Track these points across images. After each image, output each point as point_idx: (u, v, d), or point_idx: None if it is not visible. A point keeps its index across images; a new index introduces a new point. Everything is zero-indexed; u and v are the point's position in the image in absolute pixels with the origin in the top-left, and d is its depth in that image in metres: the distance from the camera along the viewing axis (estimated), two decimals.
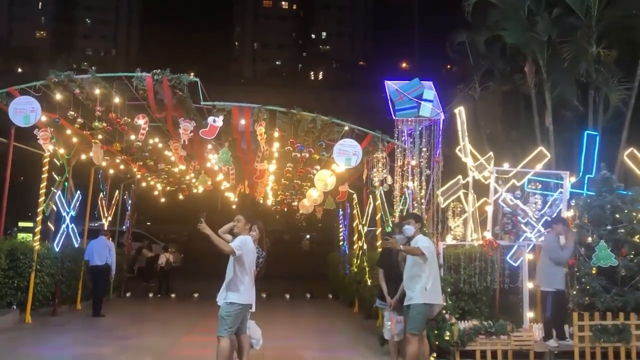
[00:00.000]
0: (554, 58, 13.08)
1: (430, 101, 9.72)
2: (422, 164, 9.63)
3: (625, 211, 9.49)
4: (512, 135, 15.16)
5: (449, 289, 9.21)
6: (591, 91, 13.32)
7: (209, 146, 12.00)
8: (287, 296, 17.90)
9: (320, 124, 9.99)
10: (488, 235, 9.78)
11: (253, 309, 6.97)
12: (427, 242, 7.27)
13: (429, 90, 9.80)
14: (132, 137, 11.14)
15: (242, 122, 9.89)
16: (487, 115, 15.28)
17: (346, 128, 10.10)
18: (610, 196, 9.64)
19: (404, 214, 9.70)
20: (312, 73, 79.88)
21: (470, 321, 9.16)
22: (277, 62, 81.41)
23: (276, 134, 10.60)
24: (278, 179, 15.25)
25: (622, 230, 9.30)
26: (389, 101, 9.82)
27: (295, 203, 18.68)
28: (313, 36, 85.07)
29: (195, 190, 17.68)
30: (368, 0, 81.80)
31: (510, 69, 15.47)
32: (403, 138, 9.84)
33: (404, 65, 62.77)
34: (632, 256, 9.15)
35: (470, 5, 14.43)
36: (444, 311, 8.58)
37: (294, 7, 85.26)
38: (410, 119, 9.66)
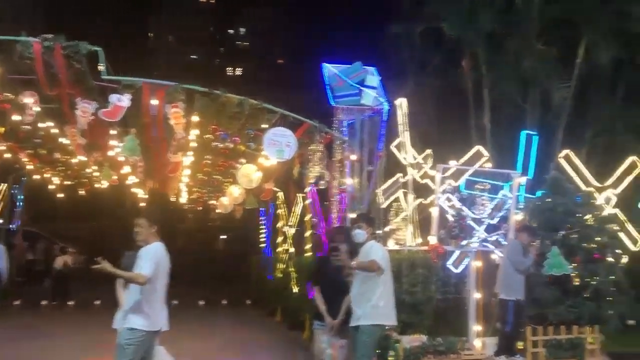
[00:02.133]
0: (495, 53, 12.47)
1: (373, 88, 8.64)
2: (363, 158, 8.50)
3: (578, 215, 8.87)
4: (447, 133, 14.45)
5: None
6: (532, 89, 12.83)
7: (113, 132, 10.22)
8: (201, 303, 16.46)
9: (249, 108, 8.59)
10: (433, 240, 8.79)
11: (166, 328, 5.42)
12: (382, 251, 6.10)
13: (372, 76, 8.72)
14: (19, 118, 9.22)
15: (154, 102, 8.29)
16: (422, 112, 14.44)
17: (278, 115, 8.74)
18: (563, 199, 8.99)
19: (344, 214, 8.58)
20: (230, 69, 77.90)
21: (412, 336, 8.18)
22: (193, 57, 78.71)
23: (195, 119, 9.03)
24: (194, 173, 13.63)
25: (576, 236, 8.67)
26: (327, 86, 8.62)
27: (214, 201, 17.11)
28: (231, 32, 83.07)
29: (98, 186, 15.70)
30: None
31: (447, 64, 14.78)
32: (342, 129, 8.65)
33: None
34: (585, 263, 8.53)
35: None
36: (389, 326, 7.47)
37: (212, 0, 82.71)
38: (351, 106, 8.48)
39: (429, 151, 11.24)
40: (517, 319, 7.92)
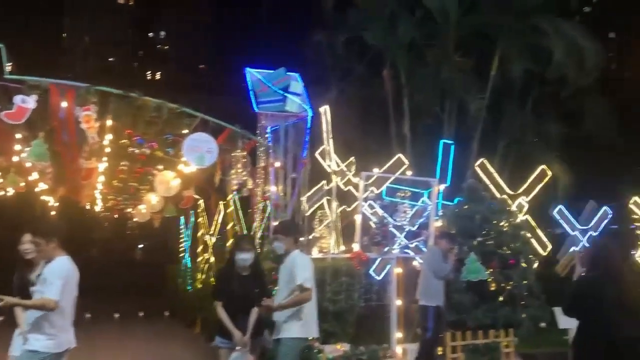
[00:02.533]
0: (416, 63, 12.74)
1: (297, 95, 8.54)
2: (287, 165, 8.36)
3: (494, 222, 9.16)
4: (368, 141, 14.61)
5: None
6: (448, 100, 13.21)
7: (19, 136, 9.50)
8: (116, 315, 15.71)
9: (167, 112, 8.23)
10: (356, 247, 8.78)
11: (73, 345, 4.98)
12: (305, 264, 5.65)
13: (296, 83, 8.62)
14: None
15: (64, 104, 7.77)
16: (344, 120, 14.51)
17: (199, 119, 8.44)
18: (479, 206, 9.26)
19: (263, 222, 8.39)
20: (149, 73, 75.55)
21: (335, 344, 8.10)
22: (110, 59, 75.72)
23: (109, 123, 8.55)
24: (109, 180, 12.96)
25: (492, 242, 8.93)
26: (251, 92, 8.43)
27: (130, 209, 16.38)
28: (151, 34, 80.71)
29: (3, 193, 14.59)
30: (214, 2, 79.31)
31: (369, 73, 14.94)
32: (266, 135, 8.49)
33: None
34: (500, 269, 8.80)
35: (330, 2, 13.64)
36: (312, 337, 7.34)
37: (131, 2, 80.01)
38: (275, 113, 8.33)
39: (352, 159, 11.29)
40: (437, 324, 7.99)
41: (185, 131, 8.57)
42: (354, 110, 15.03)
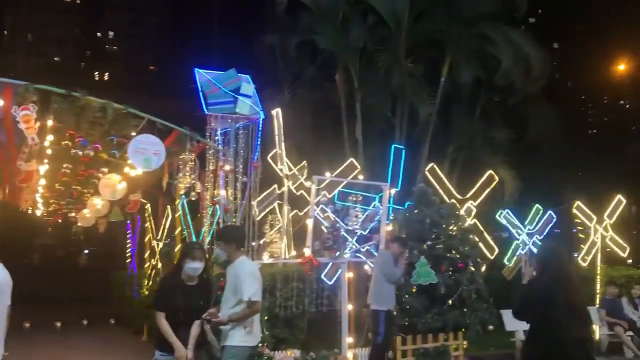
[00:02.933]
0: (368, 67, 12.78)
1: (248, 97, 8.39)
2: (238, 169, 8.18)
3: (444, 226, 9.26)
4: (321, 145, 14.55)
5: (265, 317, 7.87)
6: (399, 104, 13.31)
7: None
8: (58, 324, 15.08)
9: (112, 113, 7.91)
10: (308, 252, 8.69)
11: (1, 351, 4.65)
12: (250, 274, 5.43)
13: (248, 84, 8.47)
14: None
15: (0, 103, 7.37)
16: (296, 124, 14.41)
17: (145, 121, 8.16)
18: (429, 210, 9.34)
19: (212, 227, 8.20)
20: (97, 73, 73.43)
21: (286, 351, 8.00)
22: (55, 59, 73.23)
23: (50, 123, 8.16)
24: (51, 183, 12.42)
25: (441, 246, 9.02)
26: (200, 93, 8.23)
27: (74, 214, 15.79)
28: (99, 34, 78.54)
29: None
30: (164, 2, 77.86)
31: (321, 77, 14.89)
32: (216, 138, 8.29)
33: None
34: (450, 273, 8.90)
35: (282, 4, 13.54)
36: (259, 344, 7.19)
37: (78, 0, 77.67)
38: (225, 115, 8.16)
39: (304, 163, 11.20)
40: (388, 329, 7.98)
41: (132, 133, 8.27)
42: (306, 114, 14.98)
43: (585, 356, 4.08)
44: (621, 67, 36.73)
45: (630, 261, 12.87)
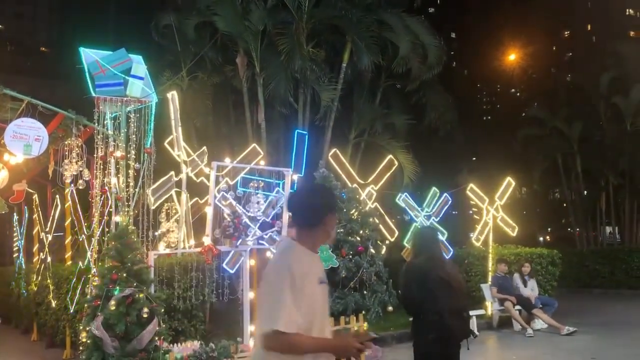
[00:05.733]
0: (269, 51, 12.55)
1: (140, 78, 7.89)
2: (130, 155, 7.73)
3: (344, 210, 9.32)
4: (222, 130, 14.19)
5: (162, 309, 7.54)
6: (301, 89, 13.22)
7: None
8: None
9: None
10: (207, 240, 8.43)
11: None
12: None
13: (139, 65, 7.97)
14: None
15: None
16: (197, 108, 13.93)
17: (25, 103, 7.49)
18: None
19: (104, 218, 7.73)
20: None
21: (185, 343, 7.75)
22: None
23: None
24: None
25: (342, 230, 9.07)
26: (87, 74, 7.67)
27: None
28: None
29: None
30: None
31: (221, 60, 14.45)
32: (105, 122, 7.78)
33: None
34: (351, 256, 8.99)
35: None
36: (155, 337, 6.91)
37: None
38: (115, 97, 7.66)
39: (204, 148, 10.85)
40: None
41: (10, 117, 7.58)
42: (207, 98, 14.53)
43: (462, 323, 4.50)
44: (512, 57, 38.99)
45: (519, 240, 13.57)
